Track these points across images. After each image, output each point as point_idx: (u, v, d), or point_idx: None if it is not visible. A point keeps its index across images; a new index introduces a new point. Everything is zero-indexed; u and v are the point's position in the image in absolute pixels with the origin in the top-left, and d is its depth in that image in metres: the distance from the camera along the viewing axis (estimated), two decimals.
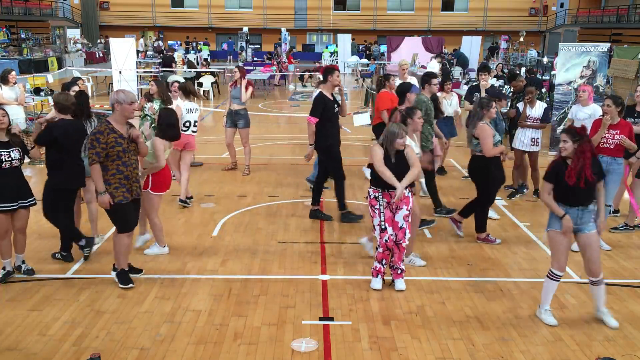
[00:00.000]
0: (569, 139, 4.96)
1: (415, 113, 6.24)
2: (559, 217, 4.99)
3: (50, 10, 38.44)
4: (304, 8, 44.50)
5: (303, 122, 15.75)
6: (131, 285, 5.68)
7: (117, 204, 5.48)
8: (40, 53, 30.21)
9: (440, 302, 5.49)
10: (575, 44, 12.65)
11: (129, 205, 5.59)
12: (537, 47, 40.52)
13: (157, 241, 6.53)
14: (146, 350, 4.61)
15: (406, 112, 6.27)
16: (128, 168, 5.53)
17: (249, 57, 31.44)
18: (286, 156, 11.62)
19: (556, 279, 5.11)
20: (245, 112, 10.10)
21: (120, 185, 5.48)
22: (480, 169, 6.93)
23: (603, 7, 39.71)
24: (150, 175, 6.24)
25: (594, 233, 5.03)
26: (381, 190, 5.64)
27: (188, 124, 8.51)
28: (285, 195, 8.87)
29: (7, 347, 4.62)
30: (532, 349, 4.73)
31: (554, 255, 5.12)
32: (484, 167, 6.88)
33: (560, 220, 4.99)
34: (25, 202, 5.72)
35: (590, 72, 11.68)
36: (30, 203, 5.78)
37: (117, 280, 5.72)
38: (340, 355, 4.60)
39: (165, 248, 6.56)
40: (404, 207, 5.64)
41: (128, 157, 5.52)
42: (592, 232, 5.02)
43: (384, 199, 5.63)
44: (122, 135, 5.47)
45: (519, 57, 30.74)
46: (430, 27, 43.79)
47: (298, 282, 5.88)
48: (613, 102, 6.80)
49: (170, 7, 44.58)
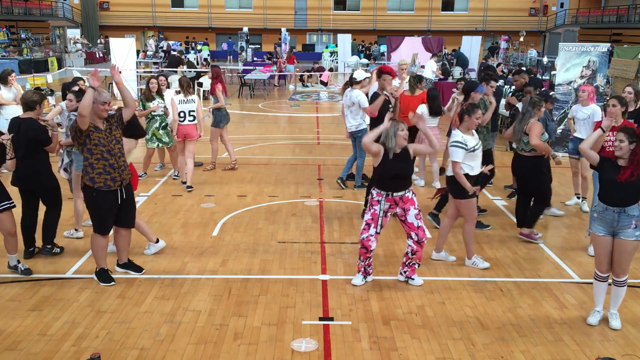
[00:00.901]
0: (625, 139, 4.81)
1: (475, 112, 6.12)
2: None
3: (50, 10, 38.44)
4: (304, 8, 44.51)
5: (303, 122, 15.80)
6: (113, 283, 5.73)
7: (96, 190, 5.49)
8: (40, 53, 30.20)
9: (440, 302, 5.49)
10: (575, 44, 12.65)
11: (108, 198, 5.55)
12: (537, 47, 40.51)
13: (149, 240, 6.53)
14: (146, 350, 4.61)
15: (467, 109, 6.17)
16: (113, 157, 5.54)
17: (249, 57, 31.43)
18: (286, 156, 11.62)
19: (600, 280, 5.08)
20: (217, 111, 10.16)
21: (104, 172, 5.49)
22: (530, 169, 7.01)
23: (603, 7, 39.71)
24: None
25: (631, 242, 4.87)
26: (385, 195, 5.59)
27: (183, 114, 9.07)
28: (285, 195, 8.87)
29: (7, 347, 4.62)
30: (532, 349, 4.73)
31: (596, 257, 5.13)
32: (533, 167, 6.97)
33: (600, 222, 4.95)
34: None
35: (590, 72, 11.68)
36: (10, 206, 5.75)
37: (96, 279, 5.75)
38: (340, 355, 4.61)
39: (161, 242, 6.58)
40: (411, 208, 5.62)
41: (111, 145, 5.53)
42: (629, 239, 4.86)
43: (386, 202, 5.59)
44: (99, 127, 5.52)
45: (519, 57, 30.71)
46: (430, 27, 43.80)
47: (298, 282, 5.88)
48: (619, 102, 6.65)
49: (170, 7, 44.59)
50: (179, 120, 9.07)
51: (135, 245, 6.53)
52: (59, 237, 6.86)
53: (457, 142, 6.06)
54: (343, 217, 7.92)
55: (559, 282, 6.00)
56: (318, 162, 11.11)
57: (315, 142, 13.08)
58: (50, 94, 15.05)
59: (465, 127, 6.15)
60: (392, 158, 5.58)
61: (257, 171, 10.31)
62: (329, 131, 14.45)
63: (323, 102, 20.70)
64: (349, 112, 8.86)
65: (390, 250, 6.75)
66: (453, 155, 6.06)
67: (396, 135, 5.54)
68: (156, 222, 7.56)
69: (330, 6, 44.62)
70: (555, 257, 6.67)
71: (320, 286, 5.80)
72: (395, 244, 6.93)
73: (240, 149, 12.16)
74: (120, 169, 5.59)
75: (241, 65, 27.45)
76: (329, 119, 16.54)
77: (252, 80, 22.56)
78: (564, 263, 6.50)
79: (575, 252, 6.83)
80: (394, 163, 5.58)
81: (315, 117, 16.85)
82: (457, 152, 6.03)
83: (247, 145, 12.55)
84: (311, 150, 12.16)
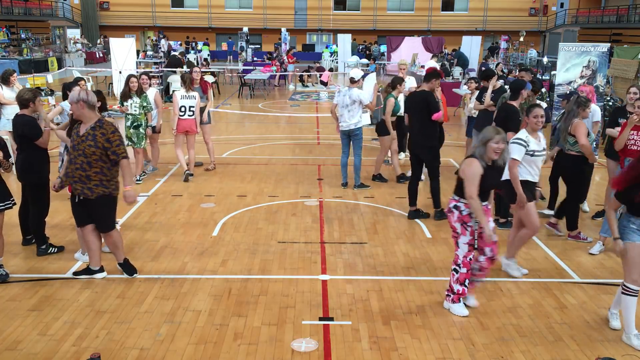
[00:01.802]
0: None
1: (532, 111, 5.87)
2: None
3: (50, 10, 38.44)
4: (304, 8, 44.51)
5: (303, 122, 15.79)
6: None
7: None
8: (40, 53, 30.19)
9: (440, 302, 5.49)
10: (575, 44, 12.65)
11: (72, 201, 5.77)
12: (537, 47, 40.52)
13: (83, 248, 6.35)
14: (146, 350, 4.61)
15: (527, 109, 5.95)
16: (70, 166, 5.62)
17: (249, 57, 31.44)
18: (286, 156, 11.62)
19: (634, 294, 4.71)
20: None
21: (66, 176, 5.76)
22: (574, 168, 7.02)
23: (603, 7, 39.71)
24: None
25: None
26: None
27: (183, 109, 9.50)
28: (285, 195, 8.87)
29: (7, 347, 4.62)
30: (532, 349, 4.73)
31: (632, 269, 4.69)
32: (578, 166, 6.98)
33: (637, 232, 4.65)
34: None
35: (590, 72, 11.68)
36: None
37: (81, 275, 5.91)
38: (340, 355, 4.61)
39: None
40: (490, 219, 5.21)
41: (75, 155, 5.57)
42: None
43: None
44: (78, 132, 5.58)
45: (519, 57, 30.72)
46: (430, 27, 43.80)
47: (298, 282, 5.88)
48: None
49: (170, 7, 44.59)
50: (180, 114, 9.49)
51: (134, 247, 6.52)
52: (59, 237, 6.87)
53: (520, 139, 5.85)
54: (343, 217, 7.92)
55: (559, 282, 6.00)
56: (318, 162, 11.11)
57: (315, 142, 13.09)
58: (50, 94, 15.06)
59: (531, 128, 5.90)
60: (487, 168, 4.98)
61: (257, 171, 10.31)
62: (329, 131, 14.44)
63: (323, 102, 20.69)
64: (346, 111, 8.94)
65: (390, 251, 6.75)
66: (513, 152, 5.75)
67: (487, 146, 4.95)
68: (156, 222, 7.56)
69: (330, 6, 44.62)
70: (555, 257, 6.67)
71: (320, 286, 5.80)
72: (395, 244, 6.94)
73: (240, 149, 12.17)
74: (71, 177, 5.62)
75: (241, 65, 27.45)
76: (329, 119, 16.49)
77: (252, 80, 22.57)
78: (564, 263, 6.50)
79: (575, 252, 6.83)
80: (489, 174, 4.98)
81: (315, 117, 16.85)
82: (517, 149, 5.79)
83: (247, 145, 12.55)
84: (311, 150, 12.16)
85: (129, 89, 9.18)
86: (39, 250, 6.42)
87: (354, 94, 8.86)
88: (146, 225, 7.46)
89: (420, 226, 7.60)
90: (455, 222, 5.12)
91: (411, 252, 6.72)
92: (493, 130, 4.96)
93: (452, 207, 5.14)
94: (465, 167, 4.98)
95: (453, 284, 5.25)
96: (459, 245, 5.15)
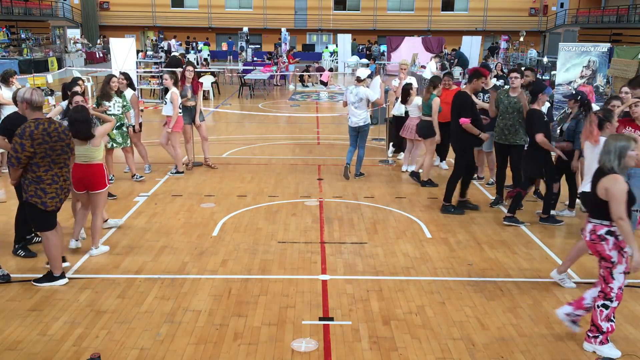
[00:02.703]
0: None
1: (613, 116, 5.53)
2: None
3: (50, 10, 38.45)
4: (304, 8, 44.51)
5: (303, 122, 15.79)
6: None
7: None
8: (40, 53, 30.20)
9: (440, 302, 5.49)
10: (575, 44, 12.66)
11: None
12: (537, 47, 40.53)
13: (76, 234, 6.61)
14: (146, 350, 4.61)
15: (604, 116, 5.55)
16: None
17: (249, 57, 31.43)
18: (286, 156, 11.61)
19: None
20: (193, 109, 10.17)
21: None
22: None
23: (603, 7, 39.71)
24: None
25: None
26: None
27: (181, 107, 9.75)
28: (285, 195, 8.87)
29: (7, 347, 4.62)
30: (532, 349, 4.73)
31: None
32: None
33: None
34: None
35: (590, 72, 11.69)
36: None
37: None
38: (340, 355, 4.61)
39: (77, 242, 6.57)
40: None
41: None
42: None
43: None
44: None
45: (519, 57, 30.72)
46: (430, 27, 43.80)
47: (298, 282, 5.88)
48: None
49: (170, 7, 44.60)
50: (180, 112, 9.66)
51: (134, 247, 6.52)
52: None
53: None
54: (343, 217, 7.92)
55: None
56: (318, 162, 11.11)
57: (315, 142, 13.08)
58: (50, 94, 15.05)
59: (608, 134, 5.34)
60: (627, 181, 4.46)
61: (257, 171, 10.31)
62: (329, 131, 14.45)
63: (323, 102, 20.70)
64: (353, 108, 9.54)
65: (390, 251, 6.75)
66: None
67: (627, 157, 4.44)
68: (156, 222, 7.56)
69: (330, 6, 44.62)
70: (555, 257, 6.67)
71: (320, 286, 5.80)
72: (395, 244, 6.94)
73: (240, 149, 12.17)
74: None
75: (241, 65, 27.44)
76: (329, 119, 16.54)
77: (252, 80, 22.56)
78: None
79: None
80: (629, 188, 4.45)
81: (315, 117, 16.85)
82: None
83: (247, 145, 12.55)
84: (311, 150, 12.16)
85: (109, 88, 8.93)
86: (13, 248, 6.41)
87: (360, 92, 9.47)
88: (146, 225, 7.46)
89: (420, 226, 7.60)
90: (611, 250, 4.47)
91: (411, 252, 6.72)
92: (625, 139, 4.47)
93: (604, 233, 4.48)
94: (610, 185, 4.38)
95: (601, 322, 4.58)
96: (614, 275, 4.50)
